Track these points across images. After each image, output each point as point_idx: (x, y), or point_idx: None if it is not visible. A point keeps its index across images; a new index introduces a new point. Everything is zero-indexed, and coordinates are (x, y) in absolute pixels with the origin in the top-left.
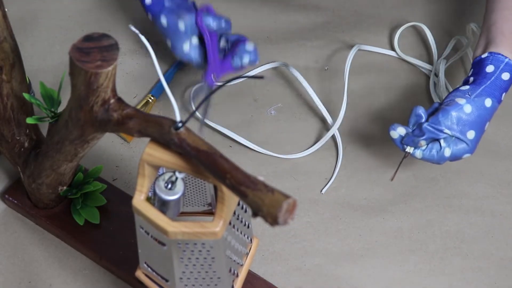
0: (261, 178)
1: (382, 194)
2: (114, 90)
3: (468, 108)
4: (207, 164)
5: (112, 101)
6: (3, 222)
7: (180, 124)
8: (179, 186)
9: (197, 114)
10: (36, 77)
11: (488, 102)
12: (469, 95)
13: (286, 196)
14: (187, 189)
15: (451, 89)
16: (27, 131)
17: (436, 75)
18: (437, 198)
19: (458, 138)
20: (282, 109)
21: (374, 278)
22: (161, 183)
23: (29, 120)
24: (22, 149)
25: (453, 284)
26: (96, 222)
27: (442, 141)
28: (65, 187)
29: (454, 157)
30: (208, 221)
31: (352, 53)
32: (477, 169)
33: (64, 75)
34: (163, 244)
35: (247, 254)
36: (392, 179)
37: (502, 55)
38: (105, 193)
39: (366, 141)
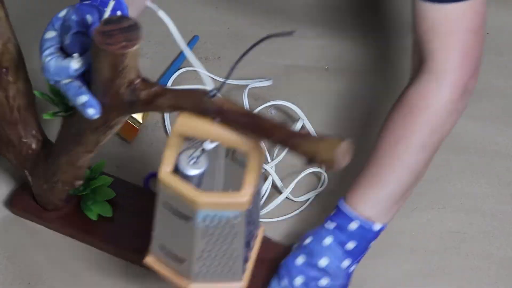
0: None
1: None
2: (138, 71)
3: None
4: (248, 125)
5: (137, 81)
6: (4, 227)
7: (214, 92)
8: (203, 162)
9: None
10: (36, 76)
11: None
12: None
13: (340, 139)
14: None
15: None
16: (33, 132)
17: None
18: (438, 198)
19: None
20: (284, 108)
21: (374, 278)
22: (184, 158)
23: (46, 116)
24: (30, 151)
25: (453, 284)
26: (110, 215)
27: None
28: (81, 181)
29: None
30: (231, 193)
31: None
32: (477, 169)
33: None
34: (187, 219)
35: (256, 237)
36: None
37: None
38: (114, 187)
39: (368, 141)
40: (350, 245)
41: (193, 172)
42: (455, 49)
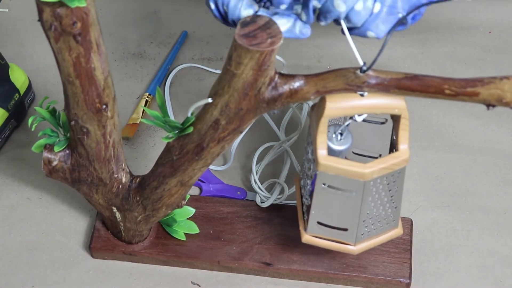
0: None
1: None
2: (274, 67)
3: None
4: (413, 87)
5: (277, 75)
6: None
7: (365, 67)
8: (348, 137)
9: None
10: (36, 76)
11: None
12: None
13: None
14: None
15: None
16: (123, 165)
17: None
18: (442, 196)
19: None
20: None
21: None
22: (330, 135)
23: (165, 139)
24: (120, 186)
25: (458, 282)
26: (197, 231)
27: None
28: (186, 201)
29: None
30: (392, 154)
31: None
32: (481, 168)
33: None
34: (351, 192)
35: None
36: None
37: None
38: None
39: None
40: None
41: (341, 147)
42: None
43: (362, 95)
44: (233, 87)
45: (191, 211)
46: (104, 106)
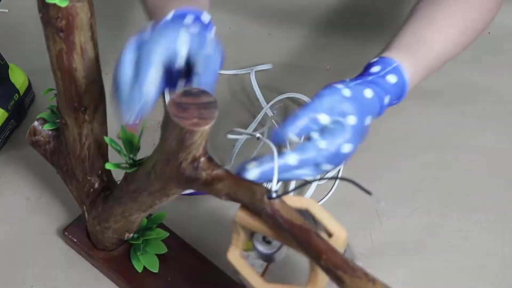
0: (360, 263)
1: (386, 194)
2: (205, 148)
3: (347, 92)
4: (300, 240)
5: (202, 159)
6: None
7: (274, 194)
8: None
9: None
10: (36, 77)
11: (368, 93)
12: (346, 82)
13: None
14: None
15: None
16: (99, 172)
17: None
18: (441, 196)
19: (337, 123)
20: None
21: (378, 277)
22: (259, 236)
23: (109, 166)
24: (92, 190)
25: (457, 282)
26: (155, 270)
27: (314, 134)
28: (132, 234)
29: (335, 151)
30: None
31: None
32: (481, 168)
33: (145, 123)
34: None
35: None
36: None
37: (392, 59)
38: (166, 241)
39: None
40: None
41: (266, 250)
42: None
43: None
44: (162, 148)
45: (163, 249)
46: (82, 108)
